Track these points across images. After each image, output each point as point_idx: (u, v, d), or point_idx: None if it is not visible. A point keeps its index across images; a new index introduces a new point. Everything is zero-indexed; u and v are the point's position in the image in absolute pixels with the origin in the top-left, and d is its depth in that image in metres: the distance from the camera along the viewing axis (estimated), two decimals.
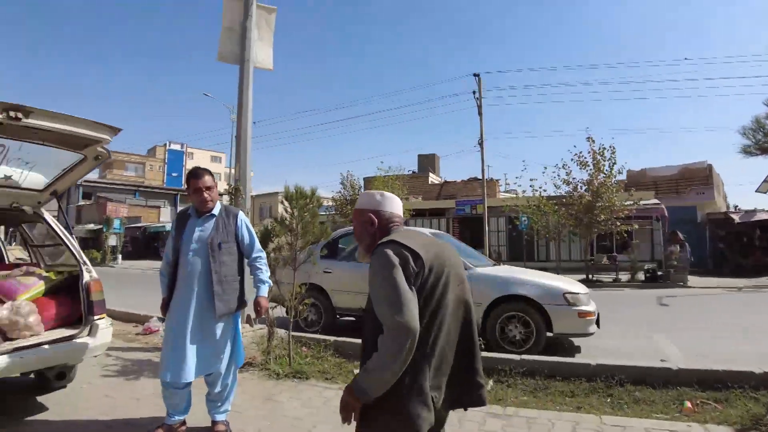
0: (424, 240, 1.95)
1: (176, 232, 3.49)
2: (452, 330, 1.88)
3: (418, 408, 1.73)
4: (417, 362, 1.74)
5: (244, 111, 6.34)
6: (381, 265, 1.78)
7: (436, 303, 1.81)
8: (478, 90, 25.18)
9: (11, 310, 3.74)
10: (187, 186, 3.47)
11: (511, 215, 22.35)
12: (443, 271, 1.87)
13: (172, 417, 3.46)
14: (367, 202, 2.12)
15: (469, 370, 1.94)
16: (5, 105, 3.07)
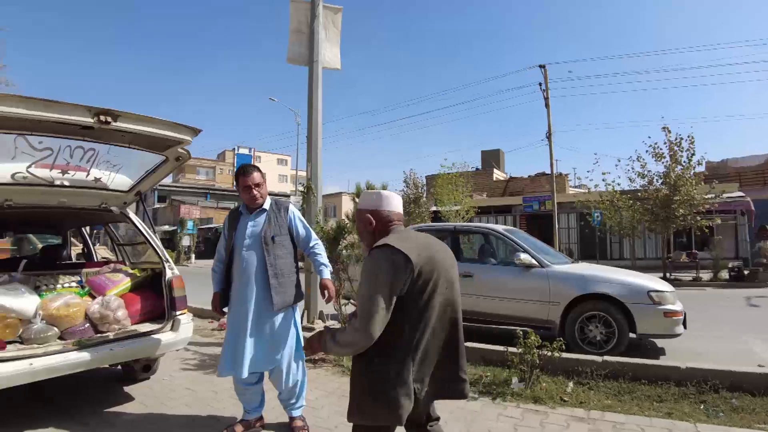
0: (420, 242, 2.04)
1: (228, 231, 3.53)
2: (438, 329, 2.02)
3: (401, 398, 1.89)
4: (402, 358, 1.92)
5: (314, 111, 6.44)
6: (371, 269, 1.94)
7: (423, 304, 1.95)
8: (544, 81, 24.48)
9: (102, 304, 3.98)
10: (237, 184, 3.51)
11: (582, 211, 21.56)
12: (433, 274, 1.98)
13: (249, 413, 3.55)
14: (365, 201, 2.20)
15: (453, 366, 2.10)
16: (96, 110, 3.26)
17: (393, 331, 1.92)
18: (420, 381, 1.97)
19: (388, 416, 1.92)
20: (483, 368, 5.03)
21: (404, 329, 1.94)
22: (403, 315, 1.93)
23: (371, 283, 1.91)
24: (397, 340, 1.93)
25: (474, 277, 6.52)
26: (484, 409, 4.04)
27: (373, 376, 1.96)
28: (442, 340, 2.06)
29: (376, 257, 1.94)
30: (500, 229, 6.92)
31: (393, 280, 1.89)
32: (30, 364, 3.34)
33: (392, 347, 1.93)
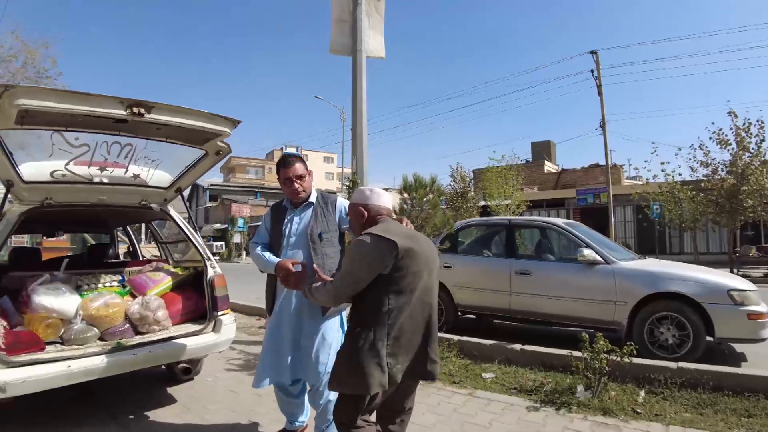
0: (403, 232, 2.27)
1: (272, 226, 3.18)
2: (417, 312, 2.25)
3: (372, 368, 2.11)
4: (376, 331, 2.15)
5: (358, 102, 6.20)
6: (355, 250, 2.21)
7: (403, 286, 2.18)
8: (596, 68, 23.51)
9: (141, 304, 3.84)
10: (278, 176, 3.17)
11: (640, 204, 20.50)
12: (414, 261, 2.21)
13: (292, 423, 3.30)
14: (358, 197, 2.49)
15: (425, 348, 2.29)
16: (129, 101, 3.08)
17: (374, 306, 2.18)
18: (393, 356, 2.16)
19: (359, 384, 2.13)
20: (543, 374, 4.68)
21: (383, 305, 2.17)
22: (385, 292, 2.17)
23: (352, 260, 2.22)
24: (376, 314, 2.17)
25: (532, 275, 6.11)
26: (548, 421, 3.68)
27: (352, 345, 2.20)
28: (418, 322, 2.26)
29: (362, 241, 2.20)
30: (560, 223, 6.46)
31: (372, 261, 2.15)
32: (68, 366, 3.24)
33: (371, 319, 2.18)
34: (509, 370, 4.86)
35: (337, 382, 2.24)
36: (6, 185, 3.60)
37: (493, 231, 7.32)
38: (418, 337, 2.26)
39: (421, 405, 4.01)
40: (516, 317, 6.32)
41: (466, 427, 3.58)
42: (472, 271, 6.75)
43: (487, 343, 5.33)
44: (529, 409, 3.91)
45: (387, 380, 2.13)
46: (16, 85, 2.75)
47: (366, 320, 2.20)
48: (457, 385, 4.49)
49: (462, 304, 6.75)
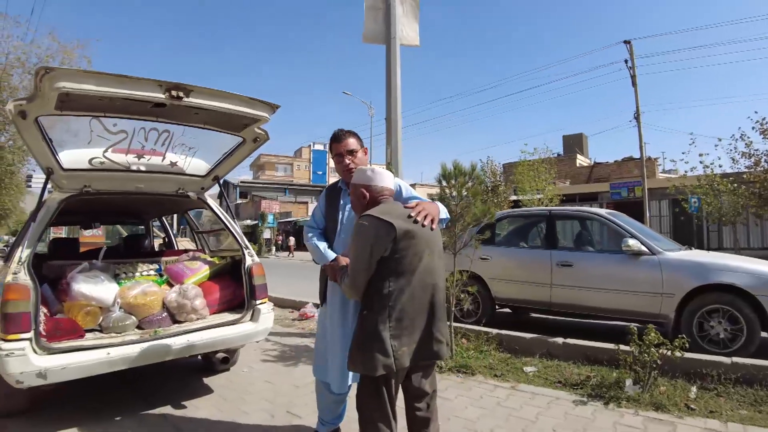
0: (404, 213, 2.26)
1: (326, 209, 3.02)
2: (419, 294, 2.24)
3: (375, 350, 2.13)
4: (379, 314, 2.17)
5: (393, 91, 6.07)
6: (357, 235, 2.23)
7: (403, 267, 2.18)
8: (630, 58, 22.87)
9: (179, 293, 3.81)
10: (330, 152, 2.98)
11: (677, 197, 19.82)
12: (414, 242, 2.21)
13: (324, 424, 3.10)
14: (360, 177, 2.44)
15: (429, 329, 2.28)
16: (167, 84, 3.02)
17: (376, 289, 2.20)
18: (397, 339, 2.17)
19: (365, 365, 2.17)
20: (587, 368, 4.50)
21: (384, 287, 2.18)
22: (385, 274, 2.18)
23: (356, 245, 2.23)
24: (378, 296, 2.19)
25: (574, 266, 5.90)
26: (597, 416, 3.52)
27: (362, 327, 2.24)
28: (421, 304, 2.26)
29: (361, 225, 2.22)
30: (603, 213, 6.22)
31: (374, 243, 2.15)
32: (107, 353, 3.23)
33: (374, 302, 2.20)
34: (551, 363, 4.70)
35: (350, 361, 2.29)
36: (46, 173, 3.60)
37: (533, 222, 7.10)
38: (422, 319, 2.27)
39: (463, 398, 3.90)
40: (557, 310, 6.13)
41: (512, 422, 3.45)
42: (511, 263, 6.54)
43: (527, 337, 5.17)
44: (576, 403, 3.76)
45: (393, 362, 2.15)
46: (55, 67, 2.72)
47: (370, 303, 2.23)
48: (498, 379, 4.35)
49: (499, 297, 6.56)
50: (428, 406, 2.44)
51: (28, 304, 3.07)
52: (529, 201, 19.13)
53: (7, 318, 3.00)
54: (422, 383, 2.42)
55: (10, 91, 16.07)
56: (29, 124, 3.11)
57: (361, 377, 2.33)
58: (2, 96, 15.73)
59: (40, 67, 2.71)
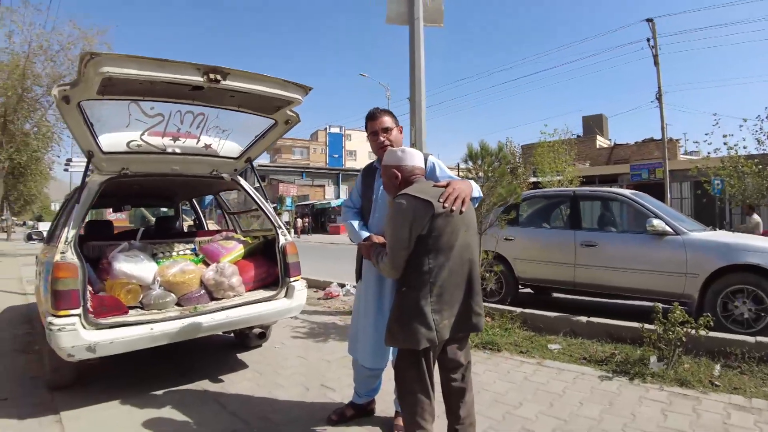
0: (438, 191, 2.29)
1: (362, 188, 3.03)
2: (457, 269, 2.31)
3: (418, 325, 2.21)
4: (420, 290, 2.24)
5: (416, 72, 6.07)
6: (394, 215, 2.28)
7: (441, 244, 2.24)
8: (652, 37, 22.42)
9: (216, 271, 3.94)
10: (366, 131, 2.97)
11: (699, 179, 19.53)
12: (450, 219, 2.26)
13: (360, 396, 3.20)
14: (390, 158, 2.47)
15: (468, 302, 2.38)
16: (205, 68, 3.11)
17: (415, 266, 2.25)
18: (438, 313, 2.25)
19: (408, 339, 2.24)
20: (611, 345, 4.56)
21: (424, 264, 2.23)
22: (424, 252, 2.23)
23: (394, 225, 2.27)
24: (418, 273, 2.25)
25: (598, 246, 5.93)
26: (623, 390, 3.59)
27: (401, 304, 2.31)
28: (459, 279, 2.33)
29: (399, 204, 2.25)
30: (627, 193, 6.22)
31: (412, 222, 2.20)
32: (151, 329, 3.37)
33: (414, 279, 2.26)
34: (575, 341, 4.77)
35: (390, 337, 2.35)
36: (87, 156, 3.72)
37: (556, 202, 7.12)
38: (460, 293, 2.35)
39: (491, 373, 3.99)
40: (580, 290, 6.17)
41: (540, 395, 3.53)
42: (535, 243, 6.58)
43: (551, 315, 5.24)
44: (602, 378, 3.83)
45: (435, 335, 2.23)
46: (100, 53, 2.81)
47: (409, 280, 2.28)
48: (524, 355, 4.43)
49: (523, 277, 6.62)
50: (463, 377, 2.52)
51: (77, 281, 3.21)
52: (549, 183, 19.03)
53: (58, 295, 3.15)
54: (457, 355, 2.50)
55: (34, 78, 16.30)
56: (72, 109, 3.23)
57: (401, 351, 2.40)
58: (26, 83, 15.96)
59: (85, 53, 2.81)
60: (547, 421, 3.10)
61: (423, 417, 2.33)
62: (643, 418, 3.11)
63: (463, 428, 2.48)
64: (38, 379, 4.02)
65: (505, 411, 3.27)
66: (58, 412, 3.36)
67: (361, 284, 3.01)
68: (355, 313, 3.08)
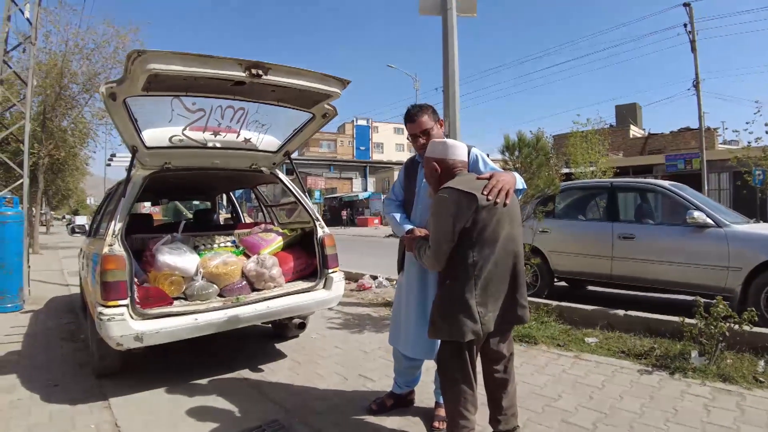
0: (481, 185, 2.28)
1: (405, 182, 3.03)
2: (501, 261, 2.31)
3: (463, 318, 2.23)
4: (465, 282, 2.25)
5: (450, 62, 6.06)
6: (436, 207, 2.30)
7: (487, 236, 2.24)
8: (690, 22, 21.75)
9: (257, 262, 4.02)
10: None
11: (739, 169, 18.89)
12: (495, 211, 2.26)
13: (399, 387, 3.22)
14: (433, 150, 2.48)
15: (513, 294, 2.40)
16: (247, 63, 3.16)
17: (460, 259, 2.25)
18: (483, 305, 2.26)
19: (452, 332, 2.26)
20: (649, 339, 4.49)
21: (469, 257, 2.24)
22: (468, 245, 2.23)
23: (437, 218, 2.28)
24: (463, 266, 2.25)
25: (636, 238, 5.82)
26: (663, 385, 3.54)
27: (445, 296, 2.32)
28: (504, 271, 2.34)
29: (442, 197, 2.27)
30: (666, 185, 6.08)
31: (455, 215, 2.20)
32: (195, 319, 3.46)
33: (459, 272, 2.26)
34: (612, 335, 4.71)
35: (434, 329, 2.36)
36: (131, 151, 3.82)
37: (593, 194, 6.99)
38: (505, 285, 2.36)
39: (528, 366, 3.98)
40: (617, 283, 6.09)
41: (579, 388, 3.51)
42: (571, 235, 6.49)
43: (587, 309, 5.18)
44: (641, 372, 3.78)
45: (480, 328, 2.24)
46: (146, 50, 2.88)
47: (454, 273, 2.29)
48: (561, 348, 4.41)
49: (559, 270, 6.54)
50: (506, 369, 2.53)
51: (124, 273, 3.32)
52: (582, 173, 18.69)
53: (107, 286, 3.26)
54: (500, 346, 2.50)
55: (70, 76, 16.67)
56: (118, 106, 3.33)
57: (444, 342, 2.42)
58: (63, 82, 16.36)
59: (133, 51, 2.88)
60: (587, 414, 3.08)
61: (465, 407, 2.36)
62: (686, 412, 3.07)
63: (505, 418, 2.50)
64: (85, 366, 4.18)
65: (544, 403, 3.26)
66: (107, 398, 3.49)
67: (403, 276, 3.02)
68: (396, 304, 3.08)
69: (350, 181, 50.45)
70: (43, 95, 16.39)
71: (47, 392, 3.63)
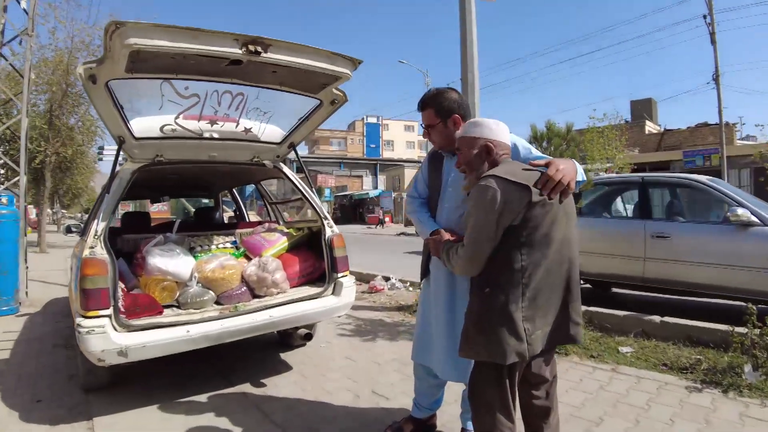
0: (533, 174, 1.88)
1: (428, 175, 2.64)
2: (555, 268, 1.90)
3: (506, 335, 1.80)
4: (509, 292, 1.83)
5: (468, 49, 5.64)
6: (478, 199, 1.85)
7: (540, 236, 1.84)
8: (709, 13, 21.10)
9: (258, 266, 3.62)
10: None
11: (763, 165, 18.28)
12: (549, 207, 1.86)
13: (420, 409, 2.77)
14: (468, 131, 2.07)
15: (565, 310, 1.97)
16: (244, 38, 2.75)
17: (505, 262, 1.85)
18: (530, 321, 1.86)
19: (492, 351, 1.84)
20: (690, 349, 4.07)
21: (515, 261, 1.84)
22: (516, 246, 1.84)
23: (479, 211, 1.86)
24: (508, 271, 1.85)
25: (671, 238, 5.36)
26: (718, 406, 3.11)
27: (482, 307, 1.90)
28: (556, 280, 1.93)
29: (486, 187, 1.83)
30: (704, 180, 5.61)
31: (502, 209, 1.80)
32: (187, 331, 3.09)
33: (502, 278, 1.86)
34: (648, 344, 4.30)
35: (468, 347, 1.94)
36: (118, 142, 3.44)
37: (620, 190, 6.54)
38: (557, 297, 1.95)
39: (562, 381, 3.51)
40: (651, 286, 5.63)
41: (621, 409, 3.10)
42: (597, 234, 5.99)
43: (620, 314, 4.77)
44: (690, 389, 3.36)
45: (526, 349, 1.83)
46: (126, 22, 2.46)
47: (496, 279, 1.87)
48: (595, 360, 3.99)
49: (585, 272, 6.04)
50: (548, 395, 2.12)
51: (106, 279, 2.94)
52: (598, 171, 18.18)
53: (86, 294, 2.89)
54: (542, 369, 2.09)
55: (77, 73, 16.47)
56: (99, 90, 2.95)
57: (479, 363, 2.00)
58: (70, 79, 16.13)
59: (110, 23, 2.48)
60: None
61: None
62: None
63: None
64: (76, 378, 3.80)
65: (585, 428, 2.86)
66: (90, 417, 3.13)
67: (427, 283, 2.58)
68: (422, 316, 2.62)
69: (360, 179, 50.18)
70: (50, 92, 16.18)
71: (28, 409, 3.28)
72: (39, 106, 16.96)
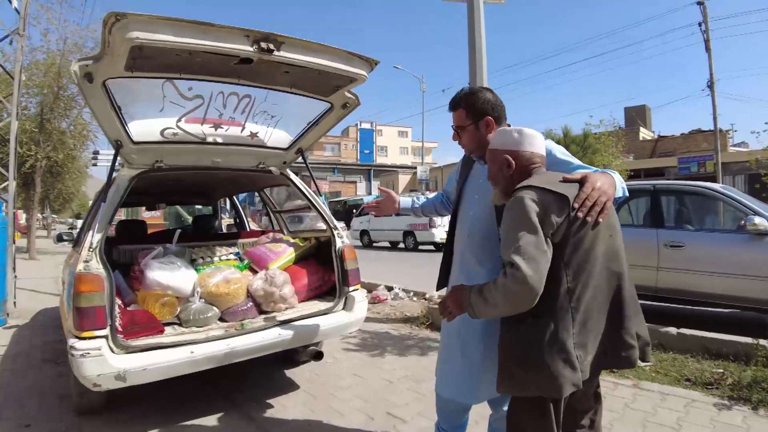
0: (569, 186, 1.69)
1: (458, 180, 2.42)
2: (603, 286, 1.71)
3: (560, 366, 1.60)
4: (558, 318, 1.63)
5: (477, 52, 5.50)
6: (517, 215, 1.63)
7: (584, 252, 1.66)
8: (703, 21, 21.17)
9: (265, 280, 3.39)
10: None
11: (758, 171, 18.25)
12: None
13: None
14: (503, 140, 1.89)
15: (617, 329, 1.74)
16: (256, 34, 2.54)
17: (550, 286, 1.60)
18: (582, 347, 1.65)
19: (544, 387, 1.63)
20: (710, 362, 3.93)
21: (561, 282, 1.63)
22: (560, 265, 1.62)
23: (522, 227, 1.60)
24: (554, 295, 1.63)
25: (685, 247, 5.21)
26: (751, 424, 2.97)
27: (524, 338, 1.68)
28: (604, 299, 1.72)
29: (521, 201, 1.63)
30: (717, 188, 5.48)
31: (543, 219, 1.60)
32: (191, 351, 2.85)
33: (549, 302, 1.62)
34: (666, 357, 4.15)
35: (511, 383, 1.72)
36: (115, 146, 3.20)
37: (633, 198, 6.40)
38: (603, 318, 1.73)
39: None
40: (664, 296, 5.46)
41: (651, 429, 2.94)
42: None
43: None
44: (718, 407, 3.20)
45: (580, 377, 1.61)
46: (127, 13, 2.24)
47: (542, 303, 1.60)
48: (614, 374, 3.82)
49: None
50: (592, 423, 1.91)
51: (103, 296, 2.70)
52: None
53: (81, 312, 2.64)
54: (587, 395, 1.88)
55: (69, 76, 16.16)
56: (96, 89, 2.68)
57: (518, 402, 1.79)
58: (62, 81, 15.84)
59: (110, 14, 2.23)
60: None
61: None
62: None
63: None
64: (67, 398, 3.55)
65: None
66: None
67: None
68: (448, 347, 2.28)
69: (354, 184, 49.92)
70: (41, 95, 15.89)
71: None
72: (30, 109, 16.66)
